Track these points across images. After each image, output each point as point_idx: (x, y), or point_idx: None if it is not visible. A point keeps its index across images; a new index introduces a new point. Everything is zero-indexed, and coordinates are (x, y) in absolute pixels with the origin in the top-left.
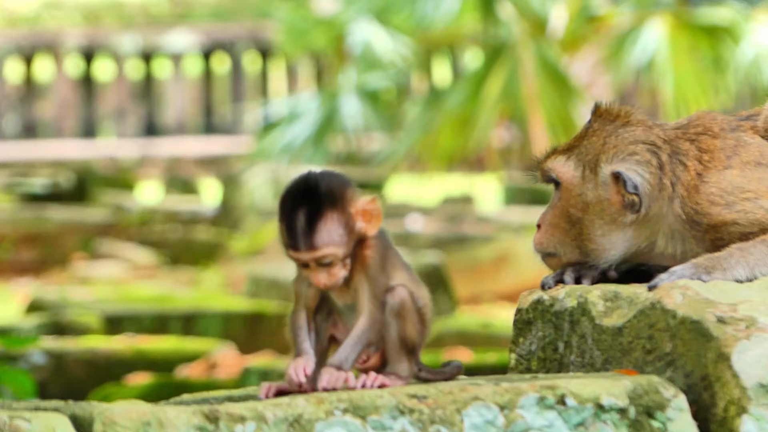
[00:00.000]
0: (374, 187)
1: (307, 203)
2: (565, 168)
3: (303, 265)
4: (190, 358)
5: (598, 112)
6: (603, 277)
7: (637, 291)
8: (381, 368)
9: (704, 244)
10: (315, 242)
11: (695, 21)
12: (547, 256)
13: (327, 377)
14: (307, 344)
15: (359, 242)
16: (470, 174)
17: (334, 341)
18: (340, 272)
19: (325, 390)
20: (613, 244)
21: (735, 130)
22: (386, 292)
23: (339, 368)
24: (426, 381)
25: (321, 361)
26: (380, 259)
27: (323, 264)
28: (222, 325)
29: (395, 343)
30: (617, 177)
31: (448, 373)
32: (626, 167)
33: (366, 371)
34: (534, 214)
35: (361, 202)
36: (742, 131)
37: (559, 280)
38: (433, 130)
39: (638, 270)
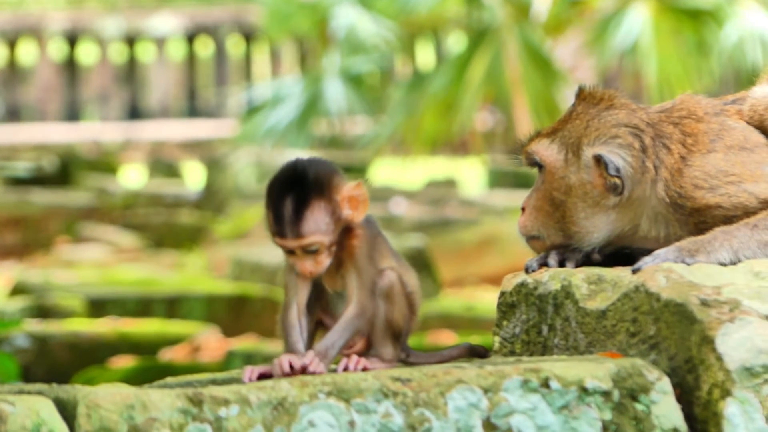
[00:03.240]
0: (358, 170)
1: (294, 191)
2: (548, 151)
3: (289, 252)
4: (173, 341)
5: (581, 95)
6: (587, 260)
7: (621, 274)
8: (366, 353)
9: (688, 227)
10: (302, 230)
11: (679, 4)
12: (531, 239)
13: (307, 361)
14: (300, 345)
15: (346, 230)
16: (454, 157)
17: (321, 326)
18: (326, 260)
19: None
20: (597, 227)
21: (719, 114)
22: (376, 276)
23: (323, 355)
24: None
25: (309, 344)
26: (368, 248)
27: (309, 251)
28: (205, 309)
29: (381, 326)
30: (599, 160)
31: (439, 356)
32: (608, 150)
33: (348, 355)
34: (518, 197)
35: (347, 188)
36: (726, 115)
37: (543, 263)
38: (417, 114)
39: (622, 253)
